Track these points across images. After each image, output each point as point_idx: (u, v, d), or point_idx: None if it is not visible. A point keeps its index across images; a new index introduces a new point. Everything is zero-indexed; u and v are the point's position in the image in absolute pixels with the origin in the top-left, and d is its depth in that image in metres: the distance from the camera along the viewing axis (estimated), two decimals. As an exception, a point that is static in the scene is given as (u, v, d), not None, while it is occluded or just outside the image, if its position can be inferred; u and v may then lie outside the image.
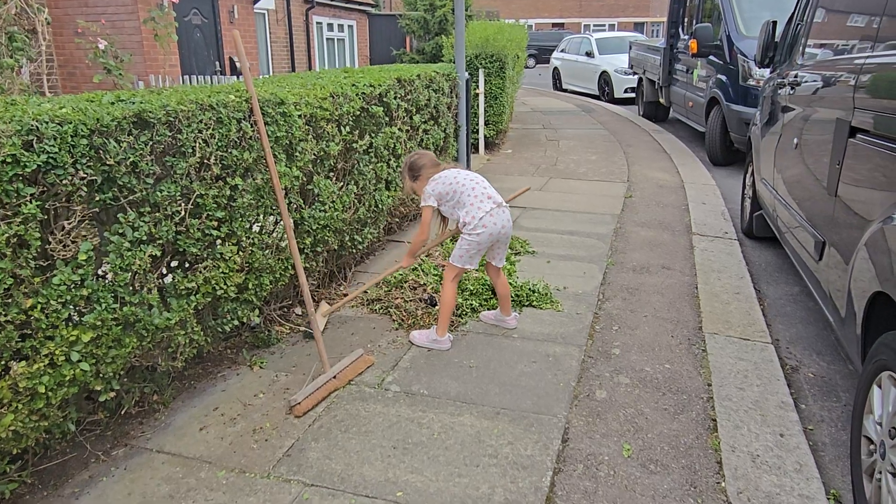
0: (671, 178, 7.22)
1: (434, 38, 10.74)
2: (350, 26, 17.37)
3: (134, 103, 2.23)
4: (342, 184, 3.73)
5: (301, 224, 3.30)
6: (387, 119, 4.23)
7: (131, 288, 2.22)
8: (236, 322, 2.84)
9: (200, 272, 2.56)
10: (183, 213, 2.41)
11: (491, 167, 7.85)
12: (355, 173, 3.88)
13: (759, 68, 5.05)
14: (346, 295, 3.97)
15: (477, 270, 4.13)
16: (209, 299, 2.63)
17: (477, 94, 8.01)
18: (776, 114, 4.23)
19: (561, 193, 6.53)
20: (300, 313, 3.70)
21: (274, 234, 3.08)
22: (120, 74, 6.43)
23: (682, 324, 3.60)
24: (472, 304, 3.72)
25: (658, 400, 2.85)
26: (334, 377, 2.98)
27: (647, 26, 41.19)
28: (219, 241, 2.68)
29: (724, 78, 7.68)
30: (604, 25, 39.74)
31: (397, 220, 5.01)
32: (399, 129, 4.44)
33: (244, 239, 2.80)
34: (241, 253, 2.79)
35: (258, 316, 3.02)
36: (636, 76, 12.91)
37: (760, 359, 3.22)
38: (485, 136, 8.41)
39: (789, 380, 3.12)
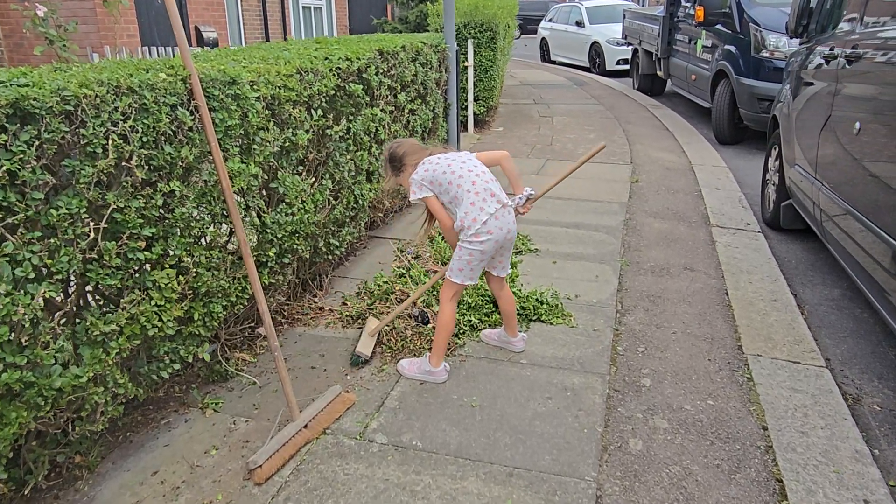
0: (678, 159, 6.66)
1: (418, 5, 9.98)
2: (328, -6, 16.40)
3: (10, 87, 1.59)
4: (314, 179, 3.11)
5: (263, 232, 2.69)
6: (367, 99, 3.59)
7: (15, 346, 1.61)
8: (178, 365, 2.24)
9: (124, 309, 1.95)
10: (92, 234, 1.79)
11: (482, 147, 7.22)
12: (330, 165, 3.25)
13: (793, 38, 4.46)
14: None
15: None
16: (138, 341, 2.03)
17: (465, 67, 7.34)
18: (819, 91, 3.66)
19: (560, 178, 5.93)
20: (267, 333, 3.10)
21: (228, 249, 2.47)
22: (64, 46, 5.66)
23: (717, 342, 3.06)
24: (470, 321, 3.15)
25: (707, 452, 2.31)
26: (305, 426, 2.40)
27: (633, -5, 40.25)
28: (149, 266, 2.06)
29: (733, 49, 7.08)
30: (590, -6, 38.73)
31: (381, 214, 4.39)
32: (382, 111, 3.81)
33: (185, 259, 2.18)
34: (181, 277, 2.17)
35: (208, 350, 2.42)
36: (630, 47, 12.24)
37: (817, 388, 2.69)
38: (474, 113, 7.77)
39: (853, 414, 2.60)
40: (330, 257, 3.42)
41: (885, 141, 2.69)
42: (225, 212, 2.34)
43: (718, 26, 7.51)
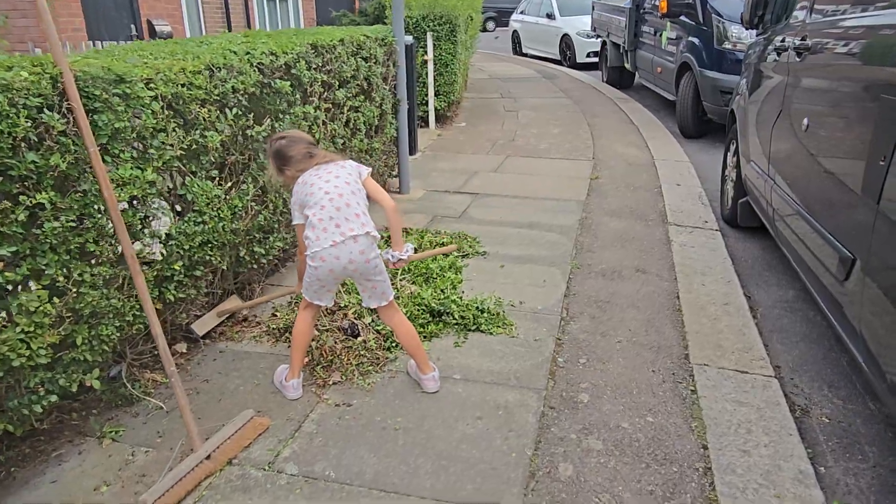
0: (641, 153, 6.52)
1: (379, -3, 9.72)
2: (294, -15, 16.03)
3: None
4: (232, 184, 2.89)
5: (166, 244, 2.47)
6: (298, 96, 3.37)
7: None
8: (55, 397, 2.02)
9: (-22, 339, 1.73)
10: (-73, 257, 1.57)
11: (443, 143, 7.03)
12: (254, 168, 3.04)
13: (748, 29, 4.32)
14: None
15: (413, 285, 3.37)
16: (0, 374, 1.81)
17: (425, 62, 7.13)
18: (772, 85, 3.51)
19: (519, 175, 5.77)
20: (185, 351, 2.89)
21: (121, 265, 2.25)
22: (-7, 40, 5.37)
23: (664, 351, 2.91)
24: (404, 333, 2.96)
25: (641, 476, 2.15)
26: (208, 457, 2.20)
27: (608, -13, 40.23)
28: (18, 288, 1.84)
29: (696, 41, 6.96)
30: (565, -14, 38.67)
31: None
32: (316, 109, 3.59)
33: (61, 279, 1.96)
34: (57, 299, 1.95)
35: (98, 378, 2.20)
36: (599, 39, 12.10)
37: (764, 401, 2.55)
38: (435, 108, 7.56)
39: (801, 428, 2.46)
40: (256, 266, 3.21)
41: (833, 139, 2.54)
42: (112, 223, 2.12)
43: (682, 17, 7.37)
